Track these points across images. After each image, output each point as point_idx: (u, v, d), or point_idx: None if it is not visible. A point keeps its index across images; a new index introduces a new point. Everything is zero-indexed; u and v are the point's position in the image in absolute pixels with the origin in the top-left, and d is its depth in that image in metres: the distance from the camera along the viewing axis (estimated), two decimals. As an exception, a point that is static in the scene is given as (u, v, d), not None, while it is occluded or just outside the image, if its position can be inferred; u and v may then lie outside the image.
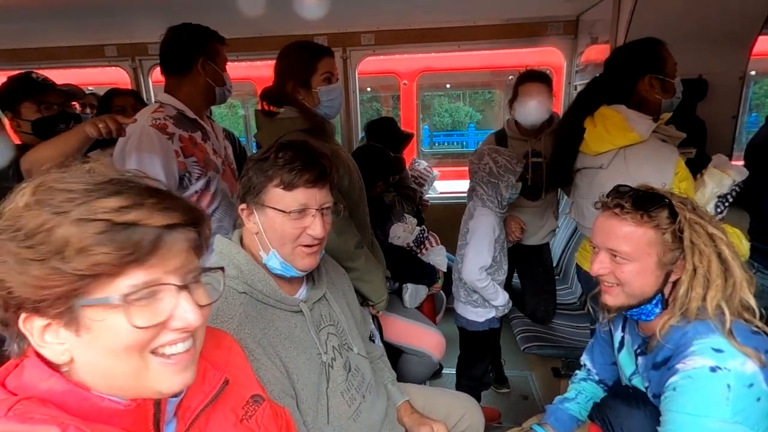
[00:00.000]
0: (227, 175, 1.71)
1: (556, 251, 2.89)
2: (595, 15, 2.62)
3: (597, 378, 1.39)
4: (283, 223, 1.08)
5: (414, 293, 2.13)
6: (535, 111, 2.11)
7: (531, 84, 2.16)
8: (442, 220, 2.85)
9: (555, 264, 2.77)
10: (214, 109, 2.09)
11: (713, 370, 0.93)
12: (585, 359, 1.42)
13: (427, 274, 2.20)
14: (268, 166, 1.07)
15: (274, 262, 1.11)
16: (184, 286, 0.58)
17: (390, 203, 2.55)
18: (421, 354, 1.97)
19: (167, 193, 0.59)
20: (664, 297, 1.06)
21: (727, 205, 1.55)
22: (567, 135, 1.79)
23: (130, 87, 3.30)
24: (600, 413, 1.24)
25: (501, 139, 2.40)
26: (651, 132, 1.54)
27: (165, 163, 1.48)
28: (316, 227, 1.10)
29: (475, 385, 2.12)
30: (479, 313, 2.02)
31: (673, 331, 1.03)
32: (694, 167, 1.56)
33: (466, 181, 2.63)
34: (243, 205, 1.11)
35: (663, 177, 1.48)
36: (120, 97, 2.22)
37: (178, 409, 0.68)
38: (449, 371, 2.44)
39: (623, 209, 1.04)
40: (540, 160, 2.27)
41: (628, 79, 1.61)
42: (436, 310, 2.45)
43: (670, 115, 1.63)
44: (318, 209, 1.10)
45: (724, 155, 1.61)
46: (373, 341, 1.66)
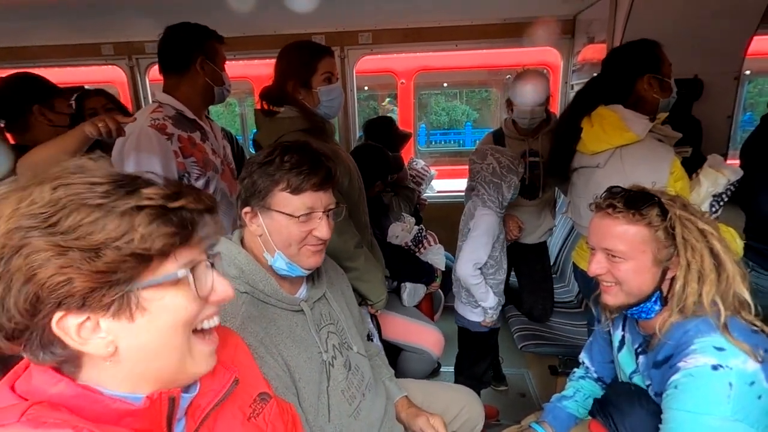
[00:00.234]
0: (226, 174, 1.71)
1: (553, 250, 2.91)
2: (591, 15, 2.63)
3: (595, 376, 1.40)
4: (289, 226, 1.08)
5: (412, 292, 2.14)
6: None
7: (526, 73, 2.17)
8: (440, 219, 2.86)
9: (552, 262, 2.79)
10: (210, 108, 2.08)
11: (715, 368, 0.94)
12: (584, 357, 1.43)
13: (425, 273, 2.21)
14: (274, 170, 1.07)
15: (280, 263, 1.12)
16: (212, 264, 0.64)
17: (388, 203, 2.56)
18: (420, 351, 1.98)
19: (190, 185, 0.64)
20: (662, 294, 1.08)
21: (722, 204, 1.56)
22: (564, 134, 1.80)
23: (127, 86, 3.29)
24: (602, 410, 1.25)
25: (498, 138, 2.41)
26: (647, 132, 1.56)
27: (164, 164, 1.48)
28: (322, 229, 1.11)
29: (475, 384, 2.12)
30: (479, 314, 2.03)
31: (674, 328, 1.04)
32: (689, 166, 1.58)
33: (464, 180, 2.65)
34: (247, 209, 1.11)
35: (659, 176, 1.49)
36: (89, 99, 2.11)
37: (188, 408, 0.68)
38: (447, 369, 2.46)
39: (615, 209, 1.06)
40: (537, 160, 2.29)
41: (627, 78, 1.62)
42: (434, 308, 2.46)
43: (666, 114, 1.64)
44: (324, 211, 1.11)
45: (720, 154, 1.63)
46: (371, 340, 1.67)
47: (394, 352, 1.98)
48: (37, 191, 0.53)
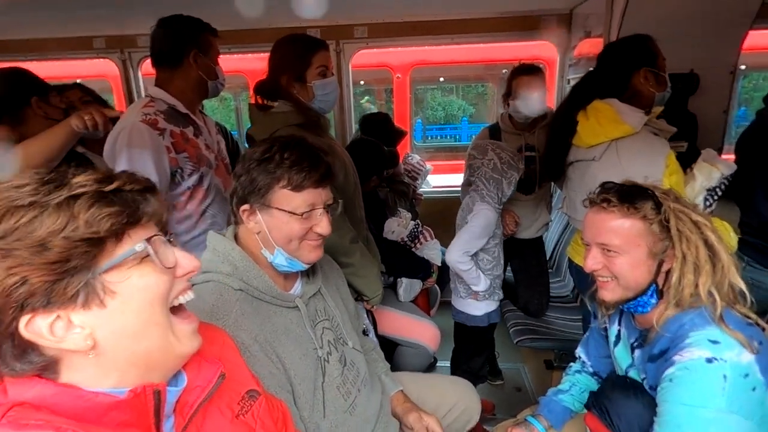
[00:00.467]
0: (220, 170, 1.69)
1: (549, 245, 2.92)
2: (588, 9, 2.62)
3: (591, 370, 1.41)
4: (290, 223, 1.07)
5: (408, 287, 2.14)
6: (537, 103, 2.12)
7: (527, 77, 2.16)
8: (436, 215, 2.86)
9: (548, 257, 2.80)
10: (205, 102, 2.05)
11: (709, 361, 0.94)
12: (580, 351, 1.44)
13: (421, 269, 2.21)
14: (274, 167, 1.06)
15: (281, 259, 1.11)
16: (170, 240, 0.64)
17: (384, 198, 2.55)
18: (417, 346, 1.99)
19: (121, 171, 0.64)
20: (658, 287, 1.08)
21: (716, 198, 1.57)
22: (560, 128, 1.80)
23: (120, 80, 3.25)
24: (597, 402, 1.26)
25: (495, 133, 2.40)
26: (643, 125, 1.56)
27: (156, 159, 1.45)
28: (323, 225, 1.11)
29: (472, 378, 2.13)
30: (480, 307, 2.02)
31: (670, 322, 1.04)
32: (685, 161, 1.58)
33: (461, 176, 2.64)
34: (245, 206, 1.09)
35: (654, 169, 1.49)
36: (65, 93, 1.95)
37: (176, 405, 0.67)
38: (443, 363, 2.46)
39: (610, 203, 1.06)
40: (533, 154, 2.29)
41: (624, 72, 1.62)
42: (430, 303, 2.46)
43: (661, 109, 1.65)
44: (324, 207, 1.11)
45: (715, 149, 1.63)
46: (367, 335, 1.67)
47: (390, 347, 1.98)
48: None
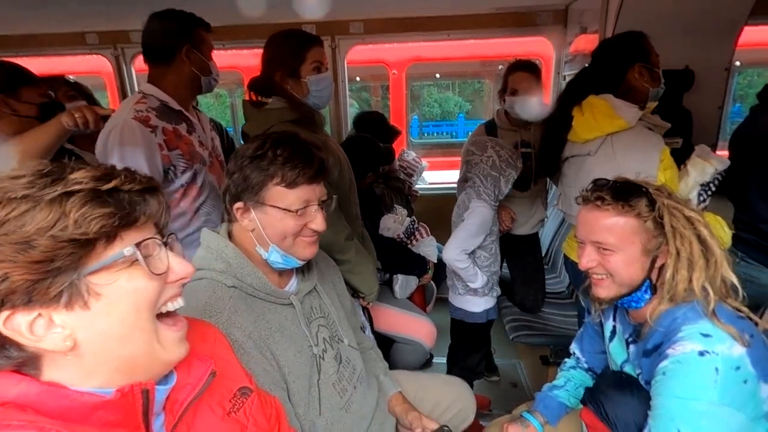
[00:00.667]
0: (215, 167, 1.67)
1: (545, 241, 2.92)
2: (584, 5, 2.62)
3: (586, 366, 1.42)
4: (284, 220, 1.07)
5: (404, 284, 2.14)
6: (537, 107, 2.11)
7: (523, 74, 2.16)
8: (432, 211, 2.86)
9: (544, 253, 2.80)
10: (200, 99, 2.03)
11: (701, 354, 0.95)
12: (574, 348, 1.44)
13: (417, 265, 2.21)
14: (267, 164, 1.05)
15: (276, 256, 1.10)
16: (165, 243, 0.62)
17: (380, 195, 2.55)
18: (413, 343, 1.99)
19: (125, 168, 0.62)
20: (652, 283, 1.08)
21: (710, 193, 1.58)
22: (555, 124, 1.80)
23: (113, 76, 3.22)
24: (593, 398, 1.26)
25: (491, 129, 2.40)
26: (638, 119, 1.56)
27: (149, 157, 1.44)
28: (318, 221, 1.10)
29: (469, 375, 2.14)
30: (478, 303, 2.03)
31: (664, 316, 1.05)
32: (680, 157, 1.58)
33: (456, 172, 2.64)
34: (239, 204, 1.08)
35: (648, 164, 1.50)
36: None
37: (166, 402, 0.67)
38: (440, 360, 2.47)
39: (604, 201, 1.06)
40: (529, 151, 2.29)
41: (618, 67, 1.63)
42: (426, 300, 2.46)
43: (655, 104, 1.66)
44: (318, 203, 1.10)
45: (710, 145, 1.64)
46: (363, 332, 1.66)
47: (386, 344, 1.98)
48: None
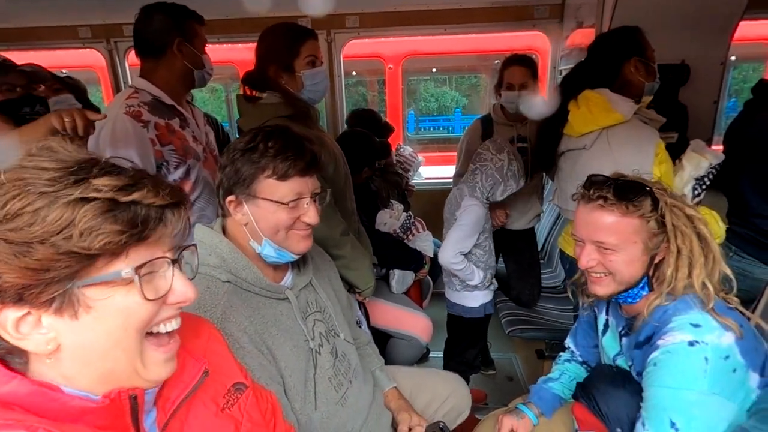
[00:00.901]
0: (209, 162, 1.66)
1: (541, 236, 2.93)
2: (580, -1, 2.61)
3: (580, 360, 1.43)
4: (277, 212, 1.06)
5: (401, 279, 2.14)
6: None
7: (518, 69, 2.15)
8: (428, 206, 2.85)
9: (540, 248, 2.81)
10: (196, 94, 2.00)
11: (691, 344, 0.96)
12: (569, 342, 1.45)
13: (413, 260, 2.21)
14: (258, 157, 1.04)
15: (269, 250, 1.10)
16: (176, 261, 0.60)
17: (376, 189, 2.54)
18: (409, 338, 1.99)
19: (158, 176, 0.60)
20: (649, 280, 1.09)
21: (704, 187, 1.58)
22: (551, 118, 1.80)
23: (106, 70, 3.19)
24: (585, 392, 1.28)
25: (487, 124, 2.40)
26: (633, 113, 1.56)
27: (141, 152, 1.43)
28: (311, 214, 1.10)
29: (465, 369, 2.15)
30: (476, 298, 2.03)
31: (656, 309, 1.06)
32: (675, 152, 1.59)
33: (453, 167, 2.64)
34: (231, 197, 1.08)
35: (644, 158, 1.50)
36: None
37: (158, 399, 0.67)
38: (436, 354, 2.48)
39: (607, 200, 1.04)
40: (525, 146, 2.29)
41: (614, 62, 1.62)
42: (422, 295, 2.47)
43: (650, 98, 1.66)
44: (311, 196, 1.10)
45: (705, 140, 1.65)
46: (360, 327, 1.67)
47: (382, 339, 1.98)
48: None
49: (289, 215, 1.07)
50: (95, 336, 0.54)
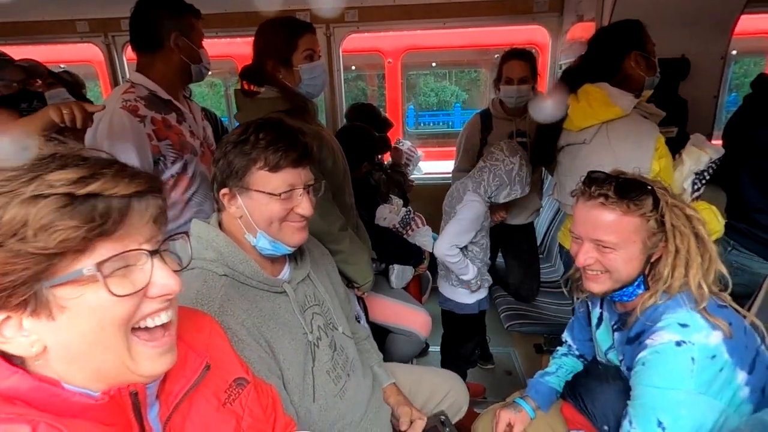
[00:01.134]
0: (206, 157, 1.65)
1: (540, 230, 2.93)
2: (580, -8, 2.58)
3: (577, 353, 1.43)
4: (270, 204, 1.06)
5: (400, 274, 2.14)
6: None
7: (517, 64, 2.14)
8: (427, 201, 2.85)
9: (539, 243, 2.81)
10: (194, 89, 2.00)
11: (678, 344, 0.97)
12: (566, 336, 1.46)
13: (413, 255, 2.21)
14: (249, 149, 1.04)
15: (264, 242, 1.10)
16: (156, 252, 0.57)
17: (377, 182, 2.54)
18: (408, 333, 1.99)
19: (123, 164, 0.56)
20: (645, 278, 1.09)
21: (704, 182, 1.58)
22: None
23: (104, 65, 3.17)
24: (572, 391, 1.28)
25: (486, 119, 2.39)
26: (633, 107, 1.56)
27: (138, 147, 1.42)
28: (305, 206, 1.09)
29: (462, 364, 2.16)
30: (471, 294, 2.03)
31: (650, 307, 1.06)
32: (675, 146, 1.58)
33: (452, 162, 2.63)
34: (225, 190, 1.08)
35: (643, 152, 1.49)
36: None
37: (160, 393, 0.67)
38: (435, 349, 2.49)
39: (608, 199, 1.04)
40: (525, 140, 2.28)
41: (615, 55, 1.61)
42: (422, 290, 2.47)
43: (650, 92, 1.65)
44: (304, 188, 1.09)
45: (705, 134, 1.64)
46: (359, 322, 1.67)
47: (381, 334, 1.99)
48: None
49: (282, 206, 1.07)
50: (74, 335, 0.53)
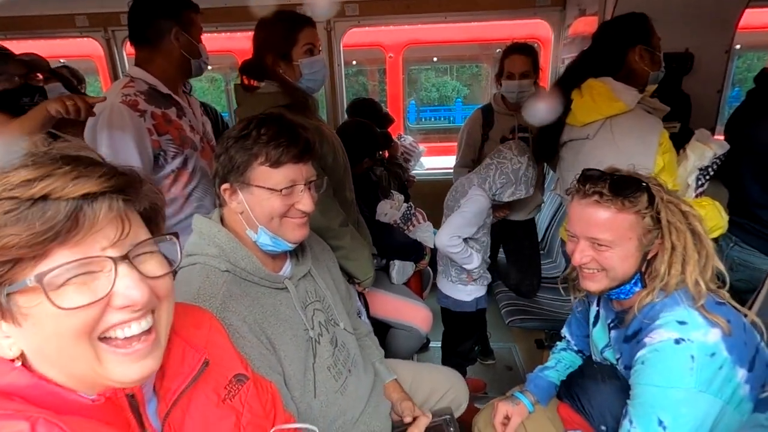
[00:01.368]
0: (206, 152, 1.65)
1: (542, 226, 2.92)
2: (583, -15, 2.56)
3: (576, 349, 1.44)
4: (270, 200, 1.06)
5: (401, 269, 2.14)
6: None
7: (519, 58, 2.13)
8: (429, 197, 2.84)
9: (540, 239, 2.81)
10: (195, 84, 1.98)
11: (677, 342, 0.97)
12: (565, 332, 1.46)
13: (414, 251, 2.21)
14: (251, 144, 1.04)
15: (264, 238, 1.10)
16: (124, 258, 0.52)
17: (377, 179, 2.53)
18: (409, 328, 2.00)
19: (89, 160, 0.52)
20: (642, 276, 1.09)
21: (708, 178, 1.57)
22: None
23: (104, 60, 3.16)
24: (568, 391, 1.29)
25: (487, 114, 2.38)
26: (637, 102, 1.54)
27: (138, 142, 1.41)
28: (306, 202, 1.09)
29: (461, 362, 2.16)
30: (468, 292, 2.03)
31: (647, 305, 1.06)
32: (678, 141, 1.57)
33: (453, 158, 2.62)
34: (226, 185, 1.08)
35: (647, 147, 1.48)
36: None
37: (158, 389, 0.67)
38: (436, 344, 2.49)
39: (603, 196, 1.03)
40: (526, 135, 2.27)
41: (619, 50, 1.60)
42: (423, 286, 2.47)
43: (655, 87, 1.63)
44: (305, 184, 1.09)
45: (708, 129, 1.62)
46: (360, 318, 1.67)
47: (382, 330, 1.99)
48: None
49: (282, 202, 1.06)
50: (41, 342, 0.51)
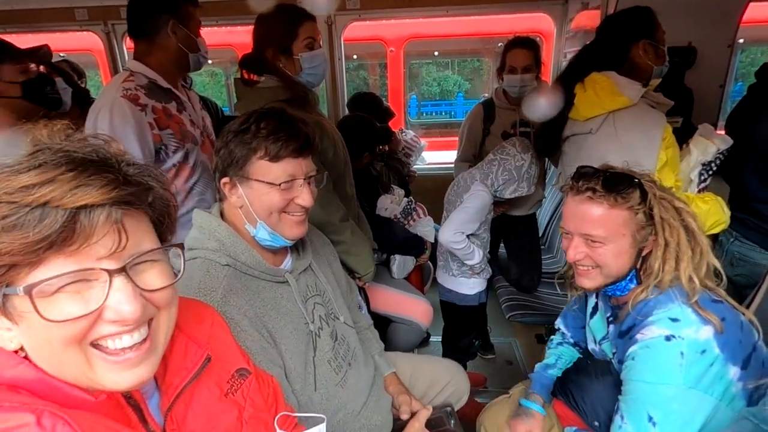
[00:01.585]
0: (206, 146, 1.64)
1: (542, 221, 2.92)
2: (586, -21, 2.54)
3: (572, 341, 1.44)
4: (270, 194, 1.06)
5: (402, 264, 2.15)
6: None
7: (521, 52, 2.12)
8: (429, 191, 2.84)
9: (541, 234, 2.80)
10: (195, 78, 1.97)
11: (668, 339, 0.97)
12: (559, 323, 1.46)
13: (414, 245, 2.21)
14: (250, 138, 1.04)
15: (263, 233, 1.10)
16: (121, 270, 0.51)
17: (377, 174, 2.52)
18: (410, 323, 2.00)
19: (98, 164, 0.51)
20: (638, 273, 1.09)
21: (710, 173, 1.57)
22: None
23: (104, 53, 3.15)
24: (562, 388, 1.29)
25: (489, 108, 2.37)
26: (640, 97, 1.53)
27: (140, 137, 1.41)
28: (305, 197, 1.09)
29: (462, 356, 2.17)
30: (471, 285, 2.03)
31: (642, 302, 1.06)
32: (680, 136, 1.56)
33: (454, 152, 2.62)
34: (225, 179, 1.08)
35: (650, 142, 1.48)
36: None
37: (161, 384, 0.67)
38: (437, 338, 2.50)
39: (596, 192, 1.04)
40: (528, 130, 2.26)
41: (623, 44, 1.58)
42: (423, 280, 2.47)
43: (658, 81, 1.62)
44: (305, 178, 1.09)
45: (711, 124, 1.62)
46: (360, 311, 1.67)
47: (383, 324, 1.99)
48: None
49: (282, 197, 1.06)
50: (36, 343, 0.51)
